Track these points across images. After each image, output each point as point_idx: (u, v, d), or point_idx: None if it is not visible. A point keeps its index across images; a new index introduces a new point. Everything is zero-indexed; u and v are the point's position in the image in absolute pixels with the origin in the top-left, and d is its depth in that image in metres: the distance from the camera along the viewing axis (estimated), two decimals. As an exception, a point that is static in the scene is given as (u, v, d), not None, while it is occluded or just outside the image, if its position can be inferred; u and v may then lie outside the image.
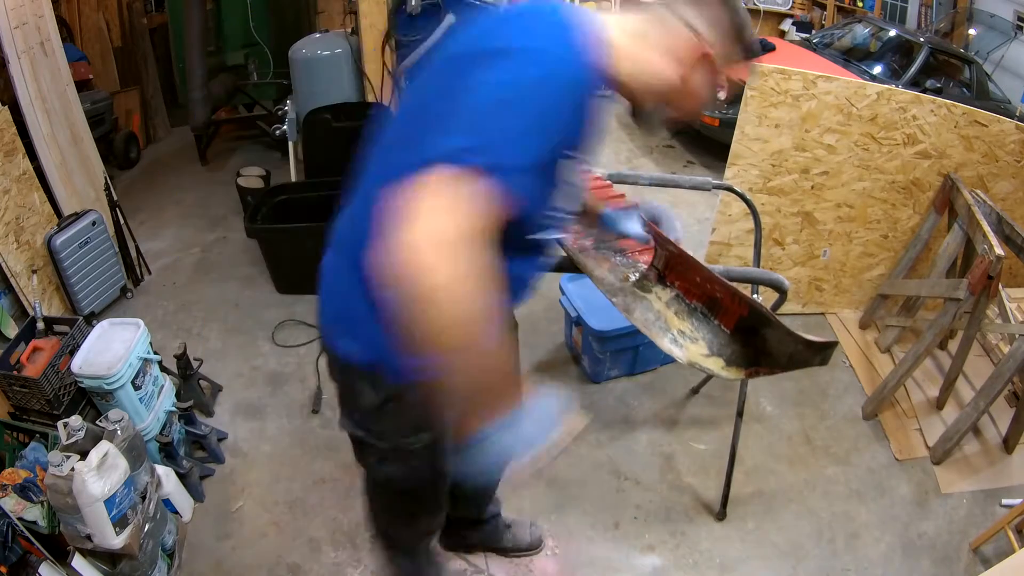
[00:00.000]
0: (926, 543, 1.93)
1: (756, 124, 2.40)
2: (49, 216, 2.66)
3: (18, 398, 1.95)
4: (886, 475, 2.16)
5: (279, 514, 1.97)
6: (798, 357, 1.11)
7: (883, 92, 2.37)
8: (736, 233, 2.65)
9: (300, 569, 1.82)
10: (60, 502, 1.46)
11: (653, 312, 1.29)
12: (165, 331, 2.73)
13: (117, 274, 2.86)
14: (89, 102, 3.69)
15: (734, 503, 1.99)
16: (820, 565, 1.86)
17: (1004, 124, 2.44)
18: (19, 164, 2.51)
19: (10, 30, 2.50)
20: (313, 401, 2.38)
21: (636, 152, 4.76)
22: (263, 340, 2.71)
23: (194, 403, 2.15)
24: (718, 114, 4.14)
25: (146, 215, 3.69)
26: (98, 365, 1.84)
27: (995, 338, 2.48)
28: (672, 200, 3.93)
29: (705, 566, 1.85)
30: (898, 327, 2.65)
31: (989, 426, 2.30)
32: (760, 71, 2.31)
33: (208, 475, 2.09)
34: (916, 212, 2.64)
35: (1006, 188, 2.58)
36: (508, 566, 1.84)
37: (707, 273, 1.22)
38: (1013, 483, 2.11)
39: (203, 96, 4.14)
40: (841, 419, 2.38)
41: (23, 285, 2.41)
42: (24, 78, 2.59)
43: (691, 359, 1.21)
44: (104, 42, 4.35)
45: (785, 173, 2.51)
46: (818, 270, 2.79)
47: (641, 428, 2.31)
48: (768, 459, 2.20)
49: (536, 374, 2.55)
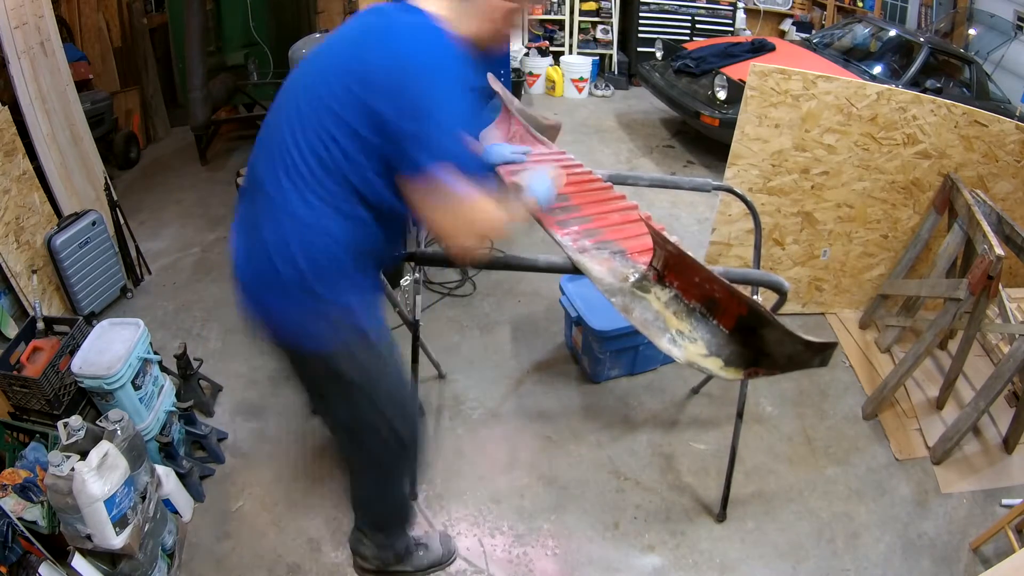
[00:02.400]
0: (926, 543, 1.93)
1: (756, 124, 2.40)
2: (49, 216, 2.66)
3: (18, 398, 1.95)
4: (886, 475, 2.16)
5: (279, 514, 1.97)
6: (797, 358, 1.11)
7: (883, 92, 2.37)
8: (736, 233, 2.65)
9: (300, 569, 1.82)
10: (60, 502, 1.46)
11: (652, 312, 1.29)
12: (165, 331, 2.73)
13: (117, 274, 2.87)
14: (89, 102, 3.70)
15: (734, 503, 1.99)
16: (820, 565, 1.86)
17: (1004, 124, 2.44)
18: (19, 164, 2.51)
19: (10, 30, 2.50)
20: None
21: (636, 152, 4.77)
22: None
23: (194, 403, 2.15)
24: (718, 114, 4.14)
25: (146, 215, 3.70)
26: (98, 365, 1.84)
27: (995, 338, 2.48)
28: (672, 200, 3.94)
29: (705, 566, 1.85)
30: (898, 327, 2.65)
31: (989, 426, 2.30)
32: (760, 71, 2.31)
33: (208, 475, 2.09)
34: (916, 212, 2.64)
35: (1006, 188, 2.58)
36: (508, 566, 1.84)
37: (706, 273, 1.22)
38: (1013, 483, 2.11)
39: (203, 96, 4.15)
40: (841, 419, 2.38)
41: (23, 285, 2.41)
42: (24, 78, 2.59)
43: (690, 359, 1.21)
44: (104, 42, 4.35)
45: (785, 173, 2.51)
46: (818, 270, 2.79)
47: (641, 428, 2.31)
48: (768, 459, 2.20)
49: (536, 374, 2.55)
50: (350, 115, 1.11)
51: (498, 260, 1.56)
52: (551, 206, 1.48)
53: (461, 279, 3.09)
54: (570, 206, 1.63)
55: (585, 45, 6.29)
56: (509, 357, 2.64)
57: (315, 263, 1.18)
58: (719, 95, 4.20)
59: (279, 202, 1.18)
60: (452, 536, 1.89)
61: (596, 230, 1.55)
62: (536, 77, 6.05)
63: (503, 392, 2.46)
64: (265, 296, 1.25)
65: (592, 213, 1.62)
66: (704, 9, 6.09)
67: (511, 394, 2.45)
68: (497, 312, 2.91)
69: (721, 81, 4.21)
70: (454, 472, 2.12)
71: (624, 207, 1.67)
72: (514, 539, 1.92)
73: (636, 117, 5.50)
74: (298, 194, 1.15)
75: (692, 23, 6.08)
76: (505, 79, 3.20)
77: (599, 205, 1.66)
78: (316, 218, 1.16)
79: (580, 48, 6.28)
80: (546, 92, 6.09)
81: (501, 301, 2.98)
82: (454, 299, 2.99)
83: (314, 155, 1.14)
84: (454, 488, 2.06)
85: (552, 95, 6.02)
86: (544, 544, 1.90)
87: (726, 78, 4.16)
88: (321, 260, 1.18)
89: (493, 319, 2.86)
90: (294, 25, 4.87)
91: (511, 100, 1.99)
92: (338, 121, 1.12)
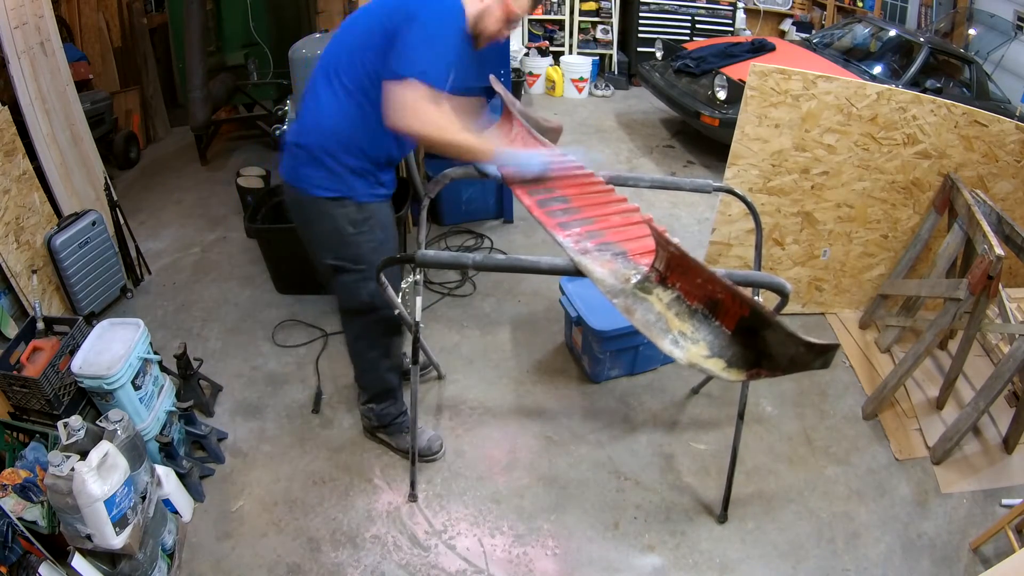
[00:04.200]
0: (926, 543, 1.93)
1: (756, 124, 2.40)
2: (49, 216, 2.66)
3: (18, 398, 1.95)
4: (886, 475, 2.16)
5: (279, 514, 1.97)
6: (799, 359, 1.11)
7: (883, 92, 2.37)
8: (736, 233, 2.65)
9: (300, 569, 1.82)
10: (60, 502, 1.46)
11: (654, 313, 1.29)
12: (165, 331, 2.73)
13: (117, 274, 2.87)
14: (89, 102, 3.70)
15: (734, 503, 1.99)
16: (820, 565, 1.86)
17: (1004, 124, 2.44)
18: (19, 164, 2.51)
19: (10, 30, 2.50)
20: (313, 401, 2.38)
21: (636, 152, 4.77)
22: (263, 340, 2.71)
23: (194, 403, 2.15)
24: (718, 114, 4.14)
25: (146, 215, 3.70)
26: (98, 365, 1.84)
27: (995, 338, 2.48)
28: (672, 200, 3.94)
29: (705, 566, 1.85)
30: (898, 327, 2.65)
31: (989, 426, 2.30)
32: (760, 71, 2.31)
33: (208, 475, 2.09)
34: (916, 212, 2.65)
35: (1006, 188, 2.58)
36: (508, 566, 1.84)
37: (708, 274, 1.22)
38: (1013, 483, 2.11)
39: (203, 96, 4.15)
40: (841, 419, 2.38)
41: (23, 285, 2.41)
42: (24, 78, 2.59)
43: (692, 360, 1.21)
44: (104, 42, 4.35)
45: (785, 173, 2.51)
46: (818, 270, 2.79)
47: (641, 428, 2.31)
48: (768, 459, 2.20)
49: (536, 374, 2.55)
50: (375, 39, 1.55)
51: (500, 263, 1.56)
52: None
53: (461, 279, 3.09)
54: (571, 208, 1.63)
55: (585, 45, 6.29)
56: (509, 357, 2.64)
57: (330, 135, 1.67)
58: (719, 95, 4.20)
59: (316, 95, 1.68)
60: (441, 439, 2.18)
61: (598, 232, 1.55)
62: (536, 77, 6.05)
63: (503, 392, 2.46)
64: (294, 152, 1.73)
65: (593, 215, 1.62)
66: (704, 9, 6.10)
67: (511, 394, 2.45)
68: (497, 312, 2.91)
69: (721, 81, 4.21)
70: (454, 472, 2.12)
71: (625, 209, 1.67)
72: (514, 539, 1.92)
73: (636, 117, 5.50)
74: (329, 91, 1.64)
75: (692, 23, 6.08)
76: (505, 79, 3.20)
77: (600, 207, 1.66)
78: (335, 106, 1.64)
79: (580, 48, 6.29)
80: (546, 92, 6.09)
81: (501, 301, 2.98)
82: (454, 299, 2.99)
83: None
84: (454, 488, 2.07)
85: (552, 95, 6.03)
86: (544, 544, 1.90)
87: (726, 78, 4.16)
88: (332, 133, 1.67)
89: (493, 319, 2.86)
90: (294, 25, 4.86)
91: (513, 102, 1.99)
92: (364, 46, 1.58)
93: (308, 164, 1.69)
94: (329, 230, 1.76)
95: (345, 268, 1.82)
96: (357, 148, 1.67)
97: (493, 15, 1.63)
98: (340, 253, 1.80)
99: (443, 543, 1.90)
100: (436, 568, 1.83)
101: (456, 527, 1.95)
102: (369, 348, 2.01)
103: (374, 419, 2.14)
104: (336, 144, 1.66)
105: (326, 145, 1.66)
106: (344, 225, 1.74)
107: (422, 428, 2.17)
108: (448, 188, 3.10)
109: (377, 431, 2.19)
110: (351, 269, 1.81)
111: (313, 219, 1.77)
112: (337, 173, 1.68)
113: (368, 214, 1.76)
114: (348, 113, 1.63)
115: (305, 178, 1.71)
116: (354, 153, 1.68)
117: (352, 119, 1.63)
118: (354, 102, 1.61)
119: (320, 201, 1.71)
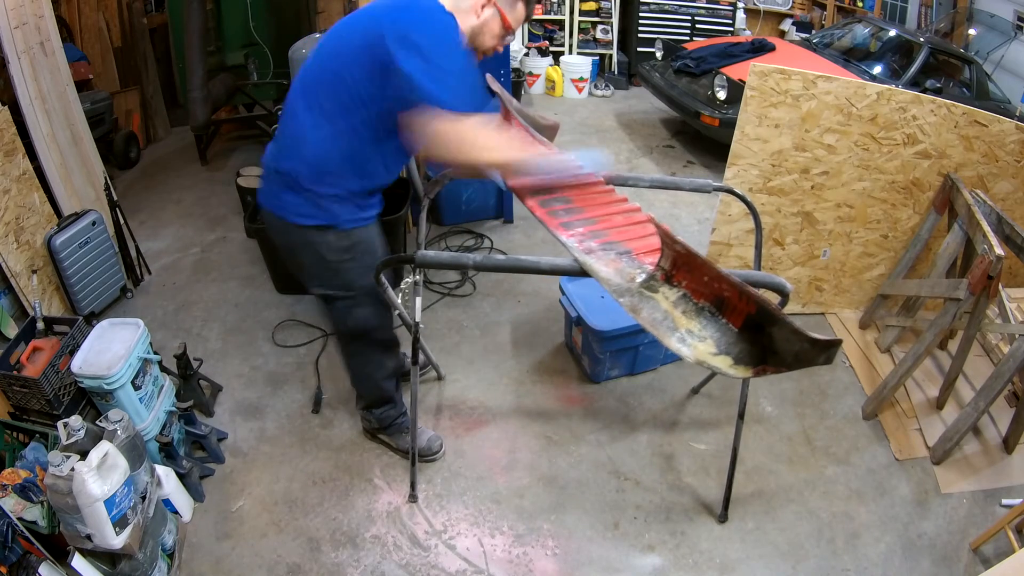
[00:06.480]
0: (926, 543, 1.93)
1: (756, 124, 2.40)
2: (49, 216, 2.66)
3: (18, 398, 1.95)
4: (886, 475, 2.16)
5: (279, 514, 1.97)
6: (804, 355, 1.11)
7: (883, 92, 2.37)
8: (736, 233, 2.65)
9: (300, 569, 1.82)
10: (60, 502, 1.46)
11: (660, 312, 1.29)
12: (165, 331, 2.73)
13: (117, 274, 2.86)
14: (89, 102, 3.70)
15: (734, 503, 1.99)
16: (820, 565, 1.86)
17: (1004, 124, 2.44)
18: (19, 164, 2.51)
19: (10, 30, 2.50)
20: (313, 401, 2.38)
21: (636, 152, 4.77)
22: (263, 340, 2.71)
23: (194, 403, 2.15)
24: (718, 114, 4.14)
25: (146, 215, 3.70)
26: (98, 365, 1.84)
27: (995, 338, 2.48)
28: (672, 200, 3.94)
29: (705, 566, 1.85)
30: (898, 327, 2.65)
31: (989, 426, 2.30)
32: (760, 71, 2.31)
33: (208, 475, 2.09)
34: (916, 212, 2.65)
35: (1006, 188, 2.58)
36: (508, 566, 1.84)
37: (715, 272, 1.22)
38: (1013, 483, 2.11)
39: (203, 96, 4.14)
40: (841, 419, 2.38)
41: (23, 285, 2.41)
42: (24, 78, 2.59)
43: (699, 358, 1.21)
44: (104, 42, 4.35)
45: (785, 173, 2.51)
46: (818, 270, 2.79)
47: (641, 428, 2.31)
48: (768, 459, 2.20)
49: (536, 374, 2.55)
50: (360, 59, 1.46)
51: (500, 263, 1.56)
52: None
53: (461, 279, 3.09)
54: (573, 207, 1.63)
55: (585, 45, 6.29)
56: (509, 357, 2.64)
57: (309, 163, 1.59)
58: (719, 95, 4.20)
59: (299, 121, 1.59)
60: (441, 439, 2.18)
61: (601, 231, 1.55)
62: (536, 77, 6.05)
63: (503, 392, 2.46)
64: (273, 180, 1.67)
65: (596, 215, 1.62)
66: (704, 9, 6.10)
67: (511, 394, 2.45)
68: (497, 312, 2.91)
69: (721, 81, 4.21)
70: (454, 472, 2.12)
71: (627, 209, 1.67)
72: (514, 539, 1.92)
73: (636, 117, 5.50)
74: (310, 115, 1.55)
75: (692, 23, 6.08)
76: (505, 79, 3.20)
77: (602, 207, 1.66)
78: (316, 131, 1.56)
79: (580, 48, 6.29)
80: (546, 92, 6.09)
81: (501, 301, 2.98)
82: (454, 299, 2.99)
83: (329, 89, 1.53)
84: (454, 488, 2.07)
85: (552, 95, 6.03)
86: (544, 544, 1.90)
87: (726, 78, 4.16)
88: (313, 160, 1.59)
89: (493, 319, 2.86)
90: (294, 25, 4.86)
91: (510, 101, 1.99)
92: (349, 65, 1.48)
93: (288, 190, 1.61)
94: (314, 259, 1.70)
95: (335, 296, 1.77)
96: (341, 179, 1.59)
97: (491, 31, 1.58)
98: (327, 282, 1.75)
99: (443, 543, 1.90)
100: (436, 568, 1.83)
101: (456, 527, 1.95)
102: (364, 364, 2.00)
103: (374, 422, 2.15)
104: (317, 174, 1.57)
105: (307, 174, 1.57)
106: (328, 254, 1.67)
107: (422, 428, 2.17)
108: (448, 188, 3.11)
109: (378, 433, 2.20)
110: (341, 296, 1.76)
111: (296, 248, 1.70)
112: (317, 201, 1.60)
113: (354, 240, 1.68)
114: (332, 143, 1.54)
115: (286, 205, 1.63)
116: (337, 184, 1.59)
117: (338, 149, 1.55)
118: (336, 129, 1.53)
119: (302, 230, 1.64)
